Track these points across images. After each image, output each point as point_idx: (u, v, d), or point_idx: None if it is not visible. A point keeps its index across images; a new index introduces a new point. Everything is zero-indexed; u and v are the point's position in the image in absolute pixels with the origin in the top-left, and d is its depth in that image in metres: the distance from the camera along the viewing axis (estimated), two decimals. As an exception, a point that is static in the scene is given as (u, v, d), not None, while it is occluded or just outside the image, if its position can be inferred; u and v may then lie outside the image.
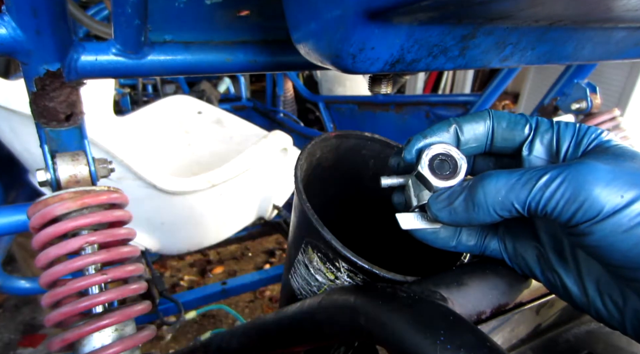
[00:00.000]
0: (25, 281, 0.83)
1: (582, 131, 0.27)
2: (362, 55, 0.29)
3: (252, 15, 0.43)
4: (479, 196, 0.26)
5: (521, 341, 0.32)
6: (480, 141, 0.30)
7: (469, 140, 0.30)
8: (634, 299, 0.25)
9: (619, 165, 0.24)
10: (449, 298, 0.30)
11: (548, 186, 0.24)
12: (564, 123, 0.28)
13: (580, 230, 0.24)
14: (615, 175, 0.23)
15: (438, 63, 0.32)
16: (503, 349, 0.24)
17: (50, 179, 0.43)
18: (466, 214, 0.27)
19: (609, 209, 0.23)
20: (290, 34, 0.33)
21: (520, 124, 0.29)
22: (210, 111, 1.51)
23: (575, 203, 0.23)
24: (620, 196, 0.22)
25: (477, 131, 0.30)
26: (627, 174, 0.23)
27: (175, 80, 2.68)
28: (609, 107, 1.04)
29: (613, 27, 0.35)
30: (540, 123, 0.29)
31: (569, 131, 0.28)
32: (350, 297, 0.31)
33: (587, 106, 0.97)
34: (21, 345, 1.49)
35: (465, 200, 0.27)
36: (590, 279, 0.27)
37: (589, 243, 0.24)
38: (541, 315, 0.33)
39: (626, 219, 0.22)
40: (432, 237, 0.32)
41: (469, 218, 0.27)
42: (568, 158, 0.27)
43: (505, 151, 0.30)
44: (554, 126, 0.28)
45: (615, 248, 0.23)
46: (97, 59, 0.39)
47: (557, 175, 0.24)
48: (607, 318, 0.26)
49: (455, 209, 0.27)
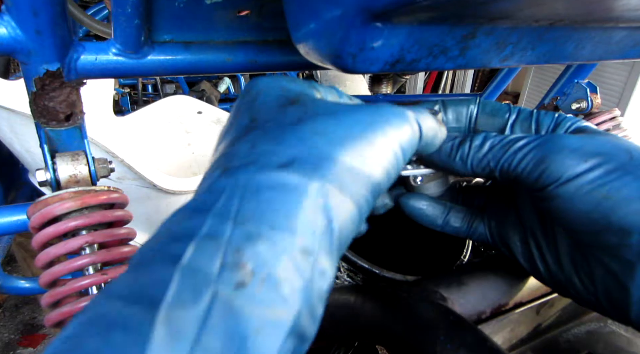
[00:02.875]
0: (25, 281, 0.83)
1: (561, 118, 0.29)
2: (362, 55, 0.29)
3: (252, 15, 0.43)
4: (463, 148, 0.28)
5: (521, 341, 0.32)
6: (461, 122, 0.32)
7: (449, 120, 0.32)
8: (600, 270, 0.25)
9: (588, 138, 0.26)
10: (449, 298, 0.30)
11: (521, 149, 0.26)
12: (544, 112, 0.30)
13: (546, 193, 0.25)
14: (582, 143, 0.25)
15: (438, 63, 0.32)
16: (503, 349, 0.24)
17: (50, 179, 0.43)
18: (447, 159, 0.28)
19: (572, 172, 0.24)
20: (290, 34, 0.33)
21: (502, 110, 0.31)
22: (210, 111, 1.51)
23: (542, 165, 0.25)
24: (584, 161, 0.24)
25: (459, 113, 0.31)
26: (593, 144, 0.25)
27: (175, 80, 2.68)
28: (609, 107, 1.04)
29: (613, 27, 0.35)
30: (521, 111, 0.30)
31: (548, 118, 0.29)
32: (350, 297, 0.31)
33: (587, 106, 0.97)
34: (21, 345, 1.49)
35: (451, 147, 0.28)
36: (566, 255, 0.28)
37: (554, 207, 0.25)
38: (541, 315, 0.33)
39: (587, 182, 0.24)
40: (419, 213, 0.32)
41: (448, 163, 0.28)
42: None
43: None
44: (533, 114, 0.30)
45: (577, 211, 0.24)
46: (97, 59, 0.39)
47: (531, 141, 0.26)
48: (585, 295, 0.27)
49: (442, 150, 0.29)
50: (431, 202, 0.32)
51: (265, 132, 0.20)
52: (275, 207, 0.16)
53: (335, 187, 0.18)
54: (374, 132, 0.20)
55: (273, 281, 0.15)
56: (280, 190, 0.17)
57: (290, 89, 0.24)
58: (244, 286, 0.14)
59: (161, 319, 0.13)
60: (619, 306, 0.24)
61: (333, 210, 0.17)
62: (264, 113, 0.22)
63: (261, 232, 0.16)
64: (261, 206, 0.16)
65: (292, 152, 0.18)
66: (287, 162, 0.17)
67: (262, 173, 0.17)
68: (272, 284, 0.15)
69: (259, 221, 0.16)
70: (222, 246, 0.15)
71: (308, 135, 0.19)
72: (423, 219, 0.32)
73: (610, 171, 0.24)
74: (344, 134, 0.19)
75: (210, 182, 0.19)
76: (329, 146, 0.19)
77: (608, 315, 0.26)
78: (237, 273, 0.14)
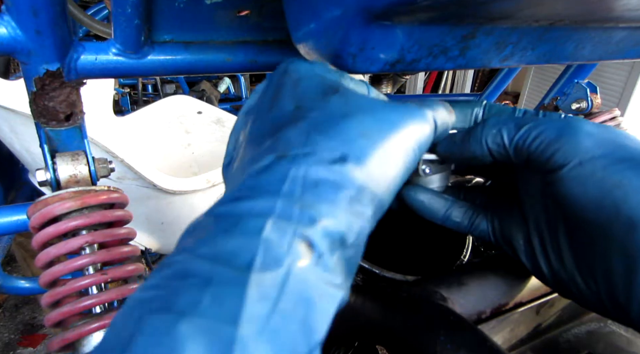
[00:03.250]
0: (25, 281, 0.83)
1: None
2: (362, 55, 0.29)
3: (252, 15, 0.43)
4: (477, 130, 0.28)
5: (521, 341, 0.32)
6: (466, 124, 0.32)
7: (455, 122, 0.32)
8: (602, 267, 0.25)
9: (603, 127, 0.25)
10: (449, 298, 0.30)
11: (537, 127, 0.26)
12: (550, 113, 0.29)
13: (557, 176, 0.25)
14: (598, 131, 0.25)
15: (438, 63, 0.32)
16: (503, 349, 0.24)
17: (50, 179, 0.43)
18: (461, 145, 0.28)
19: (586, 155, 0.24)
20: (290, 34, 0.33)
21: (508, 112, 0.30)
22: (210, 111, 1.51)
23: (556, 144, 0.25)
24: (599, 146, 0.24)
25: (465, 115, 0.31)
26: (609, 132, 0.25)
27: (175, 80, 2.68)
28: (609, 107, 1.04)
29: (613, 27, 0.35)
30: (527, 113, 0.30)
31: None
32: (350, 297, 0.31)
33: (587, 106, 0.97)
34: (21, 345, 1.49)
35: (464, 134, 0.29)
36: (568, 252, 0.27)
37: (563, 192, 0.25)
38: (541, 315, 0.33)
39: (600, 167, 0.23)
40: (421, 206, 0.32)
41: (463, 147, 0.28)
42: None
43: None
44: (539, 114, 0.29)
45: (587, 197, 0.24)
46: (97, 59, 0.39)
47: (545, 122, 0.26)
48: (587, 294, 0.26)
49: (455, 138, 0.29)
50: (433, 196, 0.32)
51: (317, 124, 0.22)
52: (330, 197, 0.20)
53: (371, 186, 0.21)
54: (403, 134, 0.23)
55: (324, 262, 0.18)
56: (332, 185, 0.20)
57: (329, 78, 0.26)
58: (308, 260, 0.18)
59: (253, 280, 0.16)
60: (621, 305, 0.24)
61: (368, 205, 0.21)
62: (309, 101, 0.24)
63: (320, 218, 0.19)
64: (319, 195, 0.19)
65: (343, 150, 0.21)
66: (339, 159, 0.20)
67: (319, 166, 0.20)
68: (323, 261, 0.18)
69: (319, 208, 0.19)
70: (292, 225, 0.18)
71: (354, 135, 0.22)
72: (425, 211, 0.32)
73: (625, 159, 0.23)
74: (383, 137, 0.22)
75: (268, 163, 0.21)
76: (372, 149, 0.21)
77: (609, 316, 0.26)
78: (305, 249, 0.18)
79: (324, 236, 0.19)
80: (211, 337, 0.15)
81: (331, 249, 0.19)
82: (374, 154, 0.21)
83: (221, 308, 0.16)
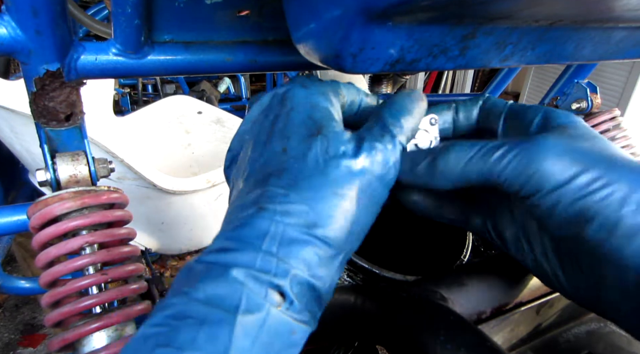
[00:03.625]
0: (25, 281, 0.83)
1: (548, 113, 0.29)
2: (362, 55, 0.29)
3: (252, 15, 0.43)
4: (440, 163, 0.28)
5: (521, 341, 0.32)
6: (471, 120, 0.32)
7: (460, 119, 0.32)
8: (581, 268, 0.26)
9: (572, 143, 0.25)
10: (449, 298, 0.30)
11: (502, 158, 0.26)
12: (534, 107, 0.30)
13: (530, 202, 0.26)
14: (565, 151, 0.25)
15: (438, 63, 0.32)
16: (503, 349, 0.24)
17: (50, 179, 0.43)
18: (426, 178, 0.28)
19: (555, 183, 0.24)
20: (290, 34, 0.33)
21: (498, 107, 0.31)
22: (210, 111, 1.51)
23: (525, 176, 0.25)
24: (567, 171, 0.24)
25: (469, 112, 0.32)
26: (576, 151, 0.25)
27: (175, 80, 2.68)
28: (609, 107, 1.04)
29: (613, 27, 0.35)
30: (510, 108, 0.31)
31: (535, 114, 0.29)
32: (350, 297, 0.31)
33: (587, 106, 0.97)
34: (21, 345, 1.49)
35: (428, 165, 0.28)
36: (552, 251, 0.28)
37: (538, 215, 0.26)
38: (541, 315, 0.33)
39: (569, 192, 0.24)
40: (414, 206, 0.33)
41: (427, 182, 0.28)
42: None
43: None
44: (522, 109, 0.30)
45: (559, 219, 0.25)
46: (97, 59, 0.39)
47: (511, 149, 0.26)
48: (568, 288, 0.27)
49: (417, 172, 0.29)
50: (426, 196, 0.32)
51: (295, 179, 0.25)
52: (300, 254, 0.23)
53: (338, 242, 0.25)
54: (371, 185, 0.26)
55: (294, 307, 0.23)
56: (303, 244, 0.24)
57: (318, 107, 0.28)
58: (281, 305, 0.22)
59: (239, 321, 0.20)
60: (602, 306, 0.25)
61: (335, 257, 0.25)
62: (294, 143, 0.27)
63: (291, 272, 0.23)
64: (292, 253, 0.23)
65: (316, 216, 0.24)
66: (312, 224, 0.24)
67: (293, 229, 0.24)
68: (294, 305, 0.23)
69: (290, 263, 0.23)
70: (269, 276, 0.22)
71: (328, 194, 0.25)
72: (417, 211, 0.33)
73: (592, 181, 0.24)
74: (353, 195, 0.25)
75: (251, 215, 0.25)
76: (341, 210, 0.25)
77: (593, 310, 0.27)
78: (276, 296, 0.22)
79: (295, 285, 0.23)
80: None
81: (301, 294, 0.23)
82: (343, 212, 0.25)
83: (214, 344, 0.19)
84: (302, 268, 0.23)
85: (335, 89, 0.30)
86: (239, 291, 0.21)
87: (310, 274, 0.23)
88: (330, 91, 0.30)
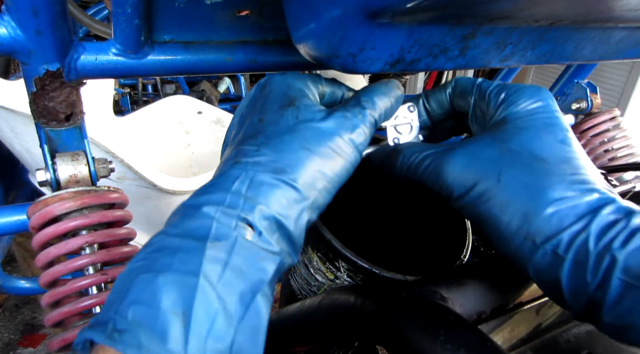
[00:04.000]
0: (25, 281, 0.83)
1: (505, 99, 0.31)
2: (362, 55, 0.29)
3: (252, 15, 0.43)
4: (393, 159, 0.34)
5: (521, 341, 0.32)
6: (444, 107, 0.36)
7: (434, 108, 0.36)
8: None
9: (480, 151, 0.29)
10: (449, 298, 0.30)
11: (427, 168, 0.31)
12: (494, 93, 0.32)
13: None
14: (467, 165, 0.29)
15: (438, 63, 0.32)
16: (503, 349, 0.24)
17: (50, 179, 0.43)
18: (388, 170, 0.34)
19: (457, 193, 0.29)
20: (290, 34, 0.33)
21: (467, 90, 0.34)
22: (210, 111, 1.51)
23: (437, 185, 0.31)
24: (465, 183, 0.29)
25: (440, 100, 0.36)
26: (478, 163, 0.29)
27: (175, 80, 2.68)
28: (609, 107, 1.04)
29: (613, 27, 0.35)
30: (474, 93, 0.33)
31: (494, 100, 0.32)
32: (350, 297, 0.31)
33: (587, 106, 0.97)
34: (21, 345, 1.49)
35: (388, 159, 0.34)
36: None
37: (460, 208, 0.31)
38: (541, 315, 0.33)
39: (469, 200, 0.29)
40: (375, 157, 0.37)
41: (390, 172, 0.34)
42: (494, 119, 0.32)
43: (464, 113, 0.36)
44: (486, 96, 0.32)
45: (471, 220, 0.30)
46: (97, 59, 0.39)
47: (430, 159, 0.31)
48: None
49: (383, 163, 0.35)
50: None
51: (269, 138, 0.28)
52: (267, 194, 0.26)
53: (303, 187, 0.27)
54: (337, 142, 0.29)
55: (264, 238, 0.25)
56: (271, 186, 0.26)
57: (293, 87, 0.31)
58: (250, 236, 0.24)
59: (209, 247, 0.23)
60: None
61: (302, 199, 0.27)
62: (269, 114, 0.30)
63: (257, 207, 0.25)
64: (260, 194, 0.26)
65: (283, 164, 0.27)
66: (279, 170, 0.27)
67: (262, 174, 0.26)
68: (263, 237, 0.25)
69: (258, 201, 0.25)
70: (237, 211, 0.24)
71: (296, 147, 0.28)
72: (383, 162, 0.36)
73: (483, 192, 0.28)
74: (320, 147, 0.28)
75: (226, 169, 0.27)
76: (308, 159, 0.27)
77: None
78: (245, 228, 0.24)
79: (262, 219, 0.25)
80: (180, 285, 0.21)
81: (270, 229, 0.25)
82: (310, 163, 0.27)
83: (187, 266, 0.22)
84: (269, 205, 0.25)
85: (313, 78, 0.33)
86: (209, 223, 0.24)
87: (277, 212, 0.25)
88: (307, 78, 0.33)
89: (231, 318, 0.22)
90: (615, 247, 0.24)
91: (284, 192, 0.26)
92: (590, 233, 0.25)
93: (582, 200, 0.26)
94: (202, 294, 0.21)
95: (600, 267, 0.24)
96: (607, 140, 0.99)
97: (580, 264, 0.25)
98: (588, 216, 0.26)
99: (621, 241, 0.24)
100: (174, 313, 0.20)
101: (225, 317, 0.21)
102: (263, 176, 0.26)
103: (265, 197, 0.25)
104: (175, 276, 0.21)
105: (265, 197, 0.25)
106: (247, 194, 0.25)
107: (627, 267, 0.24)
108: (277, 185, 0.26)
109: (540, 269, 0.27)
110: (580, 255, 0.25)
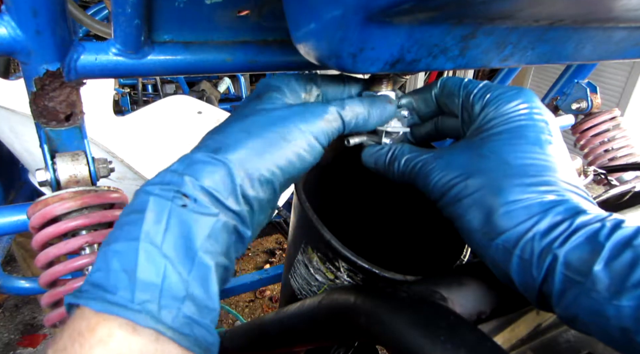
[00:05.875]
0: (25, 281, 0.83)
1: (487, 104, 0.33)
2: (362, 55, 0.29)
3: (252, 15, 0.43)
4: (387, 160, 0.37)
5: (521, 341, 0.32)
6: (430, 107, 0.38)
7: (421, 108, 0.39)
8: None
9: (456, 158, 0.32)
10: (449, 298, 0.30)
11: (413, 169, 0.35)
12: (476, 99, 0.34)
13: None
14: (445, 170, 0.32)
15: (438, 63, 0.32)
16: (503, 349, 0.24)
17: (50, 179, 0.43)
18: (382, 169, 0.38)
19: (437, 194, 0.33)
20: (291, 34, 0.33)
21: (454, 92, 0.35)
22: (210, 111, 1.51)
23: (426, 190, 0.34)
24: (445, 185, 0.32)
25: (427, 100, 0.38)
26: (453, 170, 0.32)
27: (175, 80, 2.68)
28: (609, 107, 1.04)
29: (613, 27, 0.35)
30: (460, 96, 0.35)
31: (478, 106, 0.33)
32: (350, 297, 0.31)
33: (587, 106, 0.97)
34: (21, 345, 1.49)
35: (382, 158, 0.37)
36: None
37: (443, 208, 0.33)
38: (541, 315, 0.33)
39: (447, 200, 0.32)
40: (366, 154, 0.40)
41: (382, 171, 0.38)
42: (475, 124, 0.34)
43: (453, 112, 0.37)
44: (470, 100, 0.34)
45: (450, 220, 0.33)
46: (97, 59, 0.39)
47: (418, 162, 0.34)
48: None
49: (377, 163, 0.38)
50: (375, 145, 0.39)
51: (223, 125, 0.31)
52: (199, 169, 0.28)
53: (237, 165, 0.29)
54: (286, 128, 0.31)
55: (199, 203, 0.27)
56: (203, 163, 0.29)
57: (270, 84, 0.34)
58: (186, 205, 0.27)
59: (147, 214, 0.26)
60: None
61: (236, 177, 0.29)
62: (241, 107, 0.33)
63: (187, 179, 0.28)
64: (196, 169, 0.28)
65: (221, 143, 0.30)
66: (215, 149, 0.29)
67: (200, 153, 0.29)
68: (198, 205, 0.27)
69: (190, 174, 0.28)
70: (174, 186, 0.27)
71: (236, 130, 0.30)
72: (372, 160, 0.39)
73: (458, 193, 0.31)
74: (264, 131, 0.30)
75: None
76: (247, 140, 0.30)
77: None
78: (181, 198, 0.27)
79: (194, 189, 0.27)
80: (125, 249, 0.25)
81: (204, 196, 0.27)
82: (247, 143, 0.29)
83: (129, 234, 0.26)
84: (199, 177, 0.28)
85: (299, 78, 0.35)
86: (147, 199, 0.27)
87: (207, 185, 0.28)
88: (292, 78, 0.35)
89: (180, 271, 0.25)
90: (556, 245, 0.26)
91: (214, 167, 0.28)
92: (537, 231, 0.27)
93: (535, 201, 0.28)
94: (145, 253, 0.24)
95: (544, 263, 0.27)
96: (607, 140, 0.99)
97: (526, 260, 0.27)
98: (538, 216, 0.28)
99: (563, 239, 0.26)
100: (123, 271, 0.24)
101: (174, 270, 0.25)
102: (200, 155, 0.29)
103: (196, 172, 0.28)
104: (121, 243, 0.25)
105: (197, 172, 0.28)
106: (183, 172, 0.28)
107: (567, 262, 0.26)
108: (209, 162, 0.28)
109: (495, 263, 0.30)
110: (526, 251, 0.28)
